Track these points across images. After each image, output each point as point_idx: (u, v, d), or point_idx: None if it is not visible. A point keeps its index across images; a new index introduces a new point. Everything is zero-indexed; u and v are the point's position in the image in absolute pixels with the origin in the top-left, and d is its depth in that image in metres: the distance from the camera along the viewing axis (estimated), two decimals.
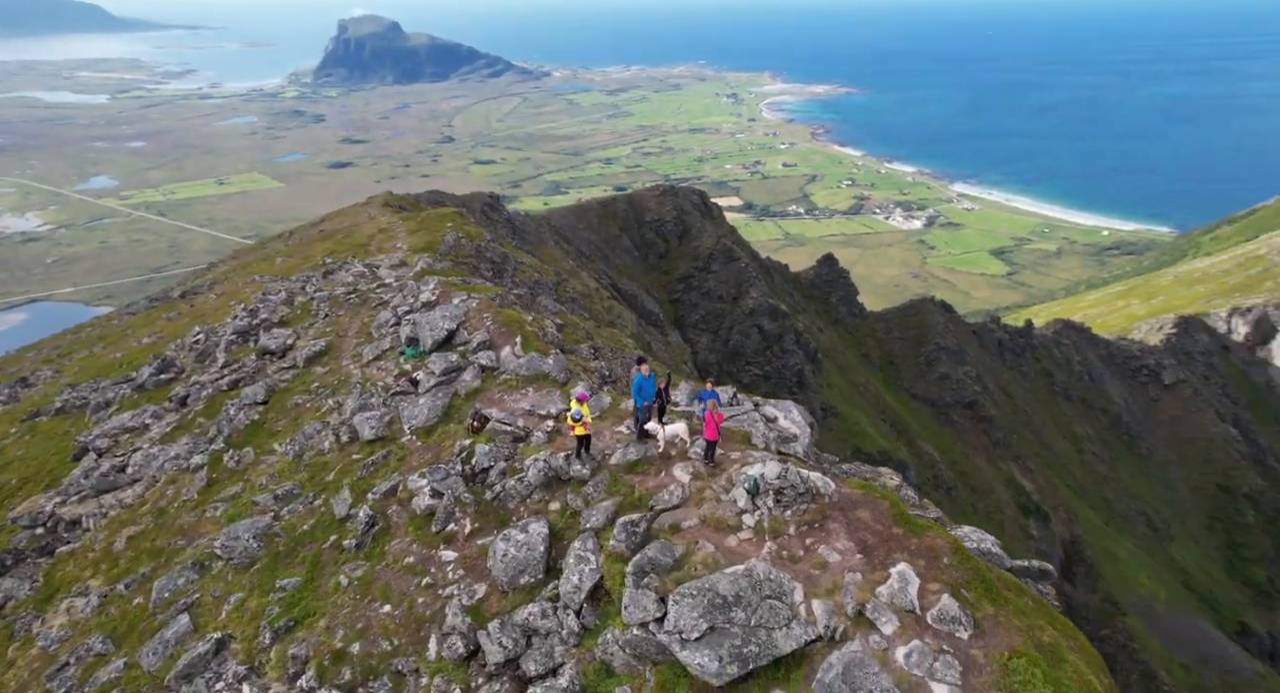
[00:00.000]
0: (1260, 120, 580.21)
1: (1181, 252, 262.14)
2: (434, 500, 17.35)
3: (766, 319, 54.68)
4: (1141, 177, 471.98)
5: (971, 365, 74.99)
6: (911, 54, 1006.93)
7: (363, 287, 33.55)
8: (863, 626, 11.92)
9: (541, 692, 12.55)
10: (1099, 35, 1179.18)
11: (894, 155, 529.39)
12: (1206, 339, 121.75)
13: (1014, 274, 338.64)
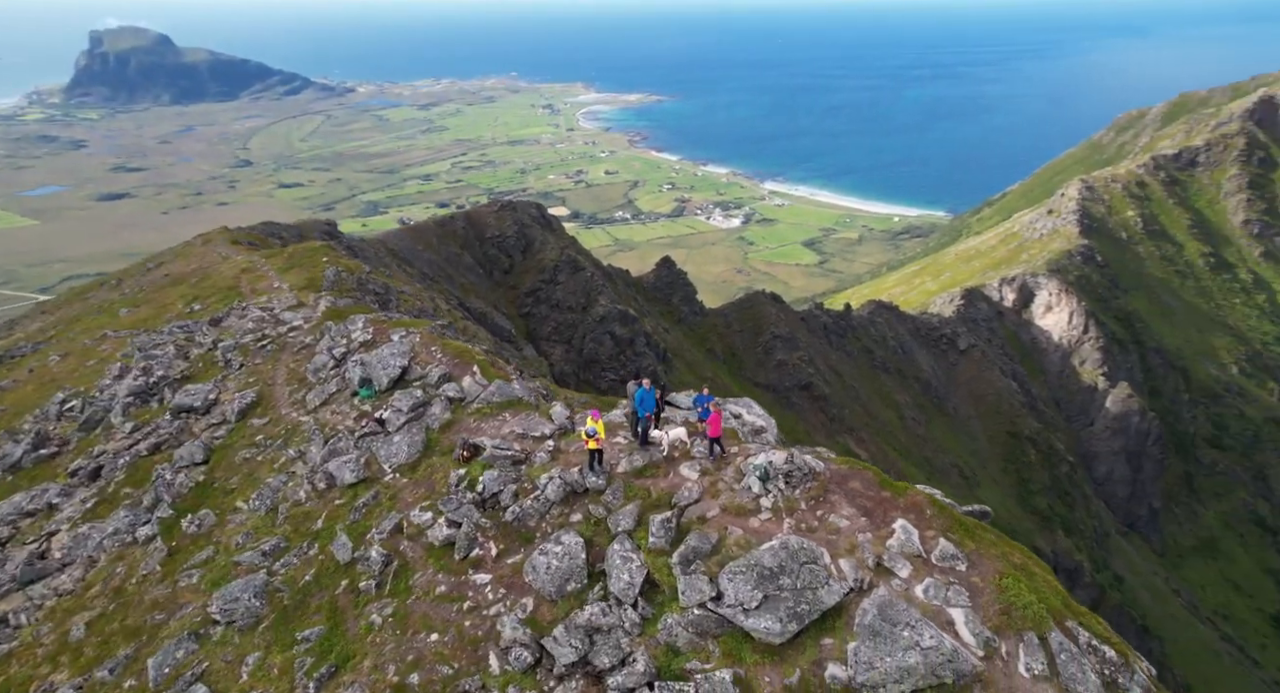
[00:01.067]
0: (1000, 118, 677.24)
1: (957, 232, 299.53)
2: (452, 530, 17.92)
3: (617, 325, 56.11)
4: (917, 167, 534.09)
5: (804, 350, 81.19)
6: (713, 62, 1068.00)
7: (270, 332, 31.94)
8: (883, 574, 14.35)
9: (621, 678, 13.55)
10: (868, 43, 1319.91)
11: (708, 158, 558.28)
12: (986, 307, 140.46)
13: (825, 262, 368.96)
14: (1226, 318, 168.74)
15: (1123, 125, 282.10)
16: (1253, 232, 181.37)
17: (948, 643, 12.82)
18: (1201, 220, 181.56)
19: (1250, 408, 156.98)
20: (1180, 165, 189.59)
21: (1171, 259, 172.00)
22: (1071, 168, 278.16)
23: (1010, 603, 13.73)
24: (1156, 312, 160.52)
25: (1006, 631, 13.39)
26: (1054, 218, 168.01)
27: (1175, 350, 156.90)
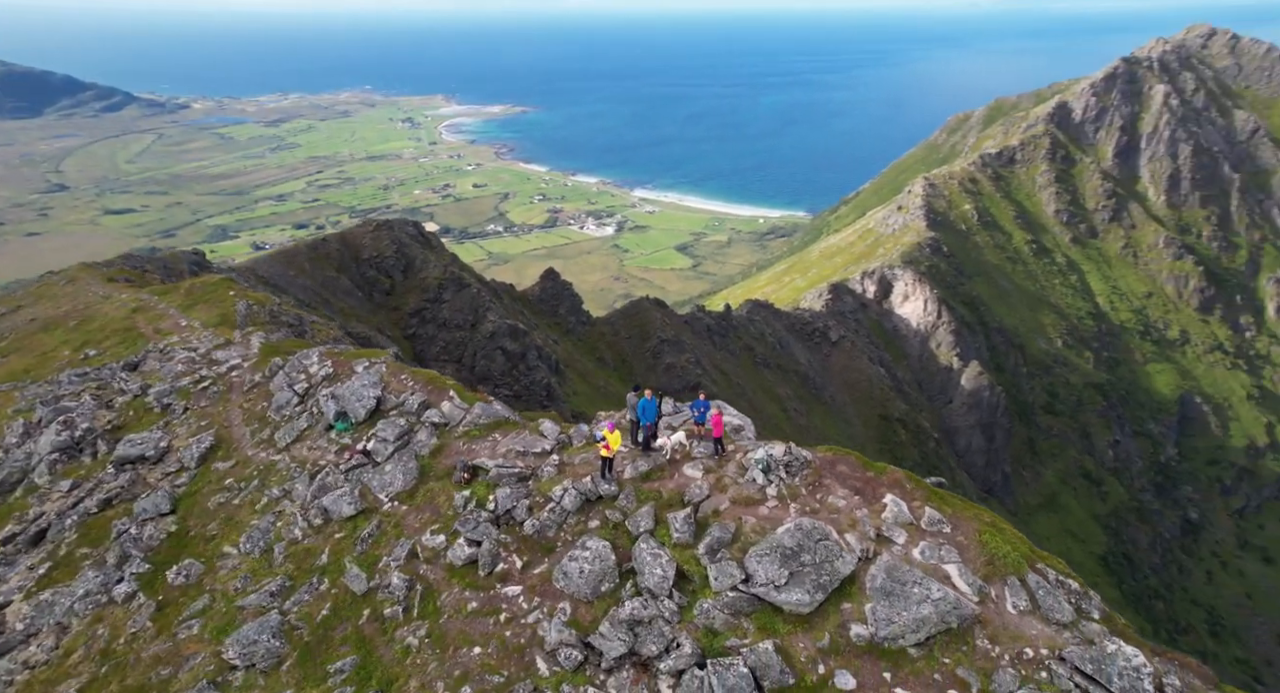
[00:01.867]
0: (848, 121, 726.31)
1: (819, 231, 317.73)
2: (473, 549, 18.53)
3: (508, 340, 55.13)
4: (776, 170, 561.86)
5: (690, 352, 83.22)
6: (575, 73, 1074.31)
7: (208, 372, 30.67)
8: (884, 543, 16.45)
9: (670, 663, 14.77)
10: (723, 52, 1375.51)
11: (577, 168, 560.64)
12: (851, 300, 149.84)
13: (698, 265, 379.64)
14: (1050, 297, 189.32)
15: (952, 127, 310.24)
16: (1063, 220, 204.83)
17: (951, 594, 14.95)
18: (1023, 211, 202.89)
19: (1073, 376, 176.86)
20: (1002, 163, 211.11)
21: (1003, 247, 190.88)
22: (914, 167, 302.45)
23: (993, 554, 16.24)
24: (995, 295, 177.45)
25: (993, 578, 15.80)
26: (904, 214, 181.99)
27: (1013, 329, 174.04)
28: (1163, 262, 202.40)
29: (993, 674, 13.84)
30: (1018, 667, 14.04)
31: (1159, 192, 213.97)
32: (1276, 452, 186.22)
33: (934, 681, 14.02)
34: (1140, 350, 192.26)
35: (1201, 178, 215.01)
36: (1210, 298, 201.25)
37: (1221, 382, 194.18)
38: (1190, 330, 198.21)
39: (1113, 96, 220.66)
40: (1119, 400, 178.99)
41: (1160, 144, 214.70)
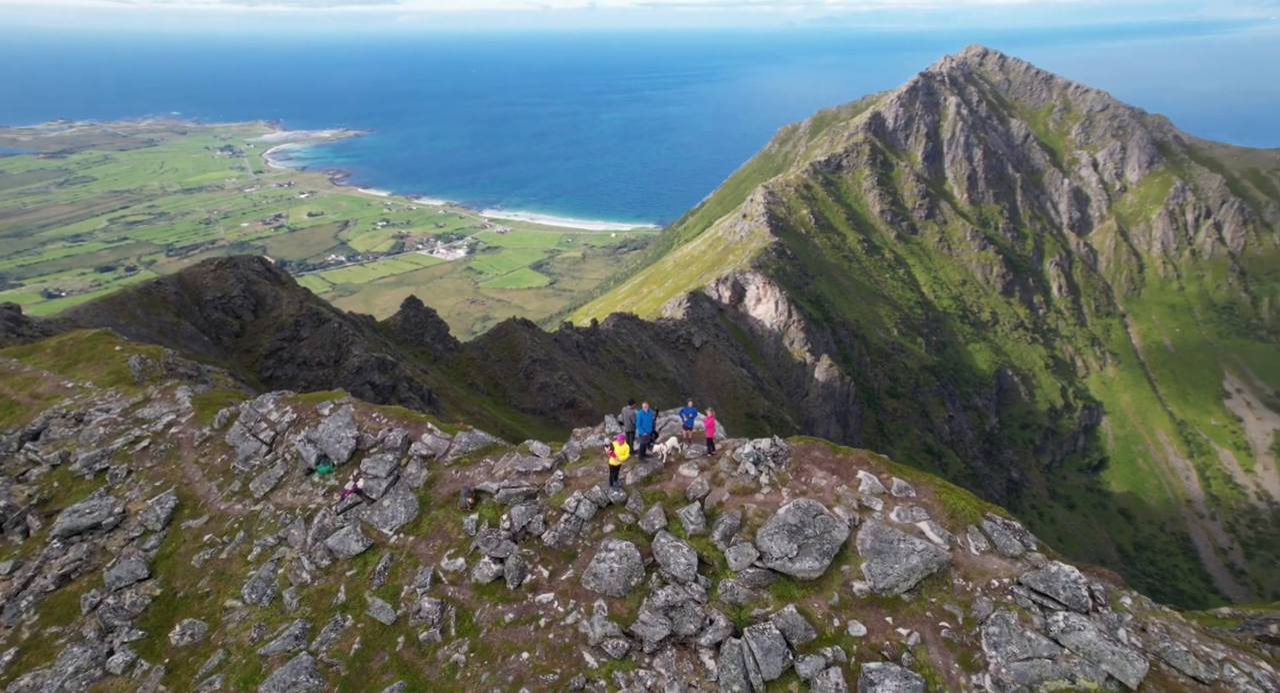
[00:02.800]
0: (686, 135, 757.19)
1: (670, 241, 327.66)
2: (498, 565, 19.46)
3: (376, 373, 51.81)
4: (623, 184, 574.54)
5: (563, 369, 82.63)
6: (408, 94, 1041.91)
7: (141, 432, 29.19)
8: (865, 511, 18.99)
9: (709, 637, 16.54)
10: (559, 71, 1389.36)
11: (420, 192, 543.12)
12: (708, 306, 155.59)
13: (555, 283, 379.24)
14: (883, 290, 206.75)
15: (783, 138, 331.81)
16: (887, 220, 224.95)
17: (928, 545, 17.61)
18: (854, 213, 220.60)
19: (910, 361, 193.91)
20: (831, 169, 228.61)
21: (839, 247, 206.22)
22: (751, 176, 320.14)
23: (953, 509, 19.15)
24: (837, 292, 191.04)
25: (957, 528, 18.67)
26: (749, 221, 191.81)
27: (854, 322, 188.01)
28: (971, 252, 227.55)
29: (971, 604, 16.74)
30: (989, 595, 16.92)
31: (962, 190, 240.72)
32: (1070, 412, 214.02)
33: (927, 617, 16.71)
34: (961, 333, 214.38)
35: (992, 177, 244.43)
36: (1010, 282, 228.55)
37: (1025, 355, 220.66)
38: (998, 312, 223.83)
39: (916, 107, 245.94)
40: (949, 380, 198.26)
41: (958, 148, 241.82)
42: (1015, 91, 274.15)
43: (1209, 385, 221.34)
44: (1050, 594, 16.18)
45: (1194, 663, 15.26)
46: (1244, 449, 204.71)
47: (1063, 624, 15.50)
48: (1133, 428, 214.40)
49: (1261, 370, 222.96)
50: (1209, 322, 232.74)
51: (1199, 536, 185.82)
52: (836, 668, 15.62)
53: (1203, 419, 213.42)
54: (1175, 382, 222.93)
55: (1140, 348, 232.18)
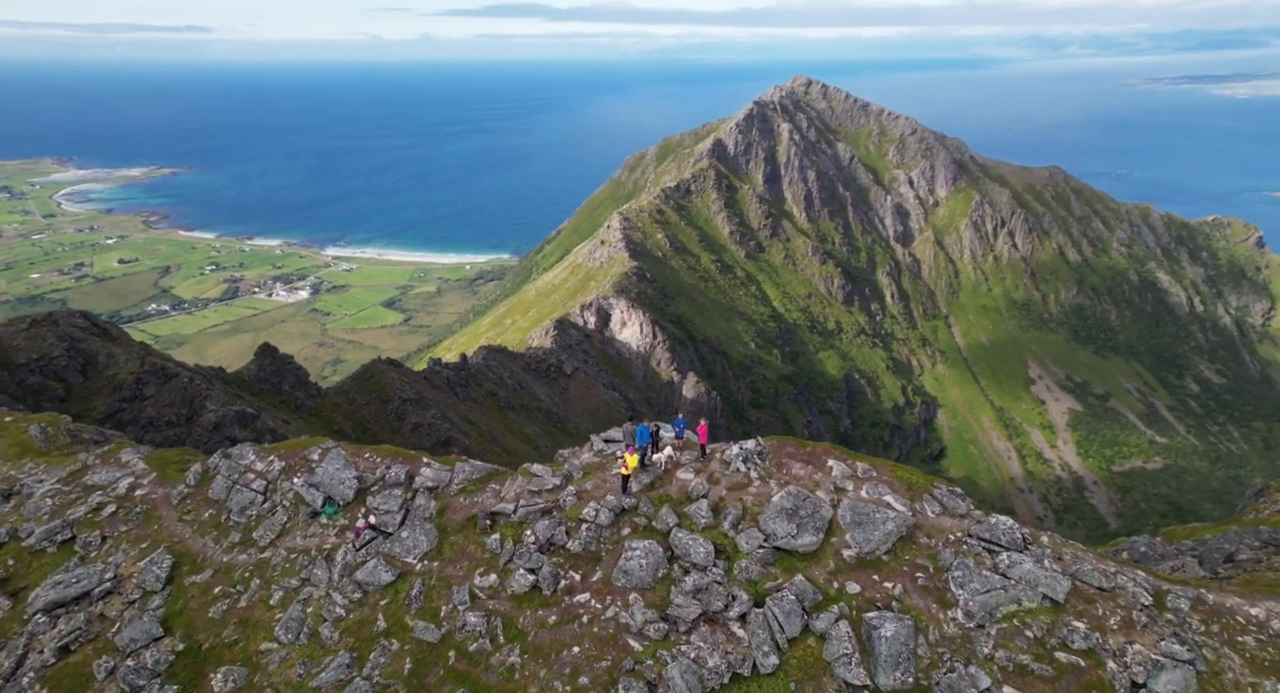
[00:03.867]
0: (536, 164, 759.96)
1: (529, 271, 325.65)
2: (532, 576, 21.22)
3: (236, 428, 46.52)
4: (474, 216, 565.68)
5: (435, 407, 79.34)
6: (230, 129, 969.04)
7: (102, 498, 28.14)
8: (840, 492, 22.45)
9: (735, 611, 19.33)
10: (396, 102, 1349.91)
11: (253, 232, 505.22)
12: (576, 333, 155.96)
13: (410, 319, 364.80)
14: (739, 307, 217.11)
15: (631, 165, 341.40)
16: (736, 240, 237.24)
17: (897, 513, 21.50)
18: (705, 235, 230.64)
19: (769, 372, 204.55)
20: (681, 194, 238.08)
21: (695, 268, 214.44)
22: (604, 203, 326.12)
23: (909, 483, 23.13)
24: (696, 311, 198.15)
25: (914, 497, 22.63)
26: (607, 247, 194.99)
27: (715, 339, 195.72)
28: (813, 267, 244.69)
29: (937, 556, 20.74)
30: (949, 547, 20.99)
31: (800, 210, 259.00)
32: (911, 408, 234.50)
33: (904, 571, 20.40)
34: (811, 342, 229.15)
35: (826, 196, 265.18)
36: (850, 293, 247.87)
37: (869, 359, 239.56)
38: (842, 320, 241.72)
39: (753, 134, 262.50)
40: (805, 387, 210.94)
41: (794, 171, 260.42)
42: (838, 118, 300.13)
43: (1017, 375, 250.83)
44: (994, 540, 21.01)
45: (1098, 577, 20.49)
46: (1049, 428, 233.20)
47: (1007, 561, 20.35)
48: (963, 418, 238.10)
49: (1055, 358, 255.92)
50: (1013, 318, 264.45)
51: (1021, 508, 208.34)
52: (844, 620, 19.08)
53: (1016, 405, 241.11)
54: (992, 374, 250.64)
55: (963, 346, 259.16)
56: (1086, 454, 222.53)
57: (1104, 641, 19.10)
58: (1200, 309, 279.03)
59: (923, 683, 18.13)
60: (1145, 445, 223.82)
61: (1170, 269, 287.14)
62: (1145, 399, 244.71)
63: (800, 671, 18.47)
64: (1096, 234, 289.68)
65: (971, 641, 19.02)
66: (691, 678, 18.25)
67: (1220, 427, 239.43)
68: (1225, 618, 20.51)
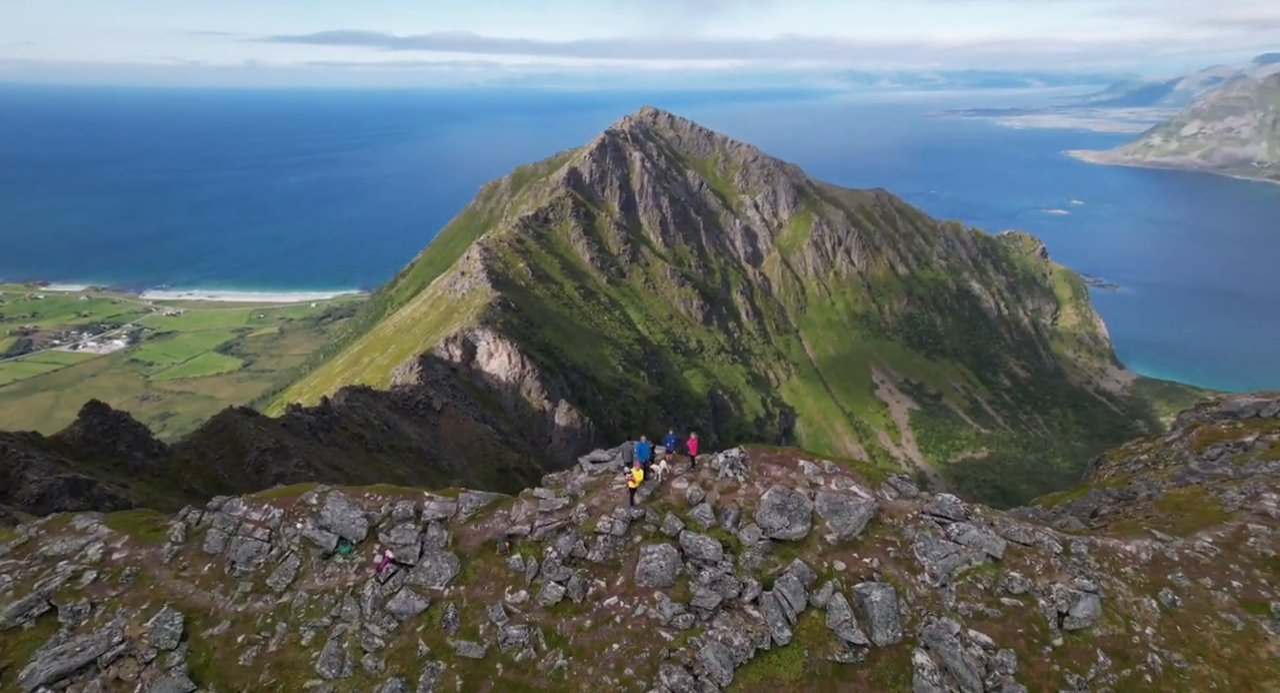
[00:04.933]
0: (383, 196, 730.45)
1: (382, 307, 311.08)
2: (562, 587, 23.07)
3: (68, 497, 40.06)
4: (318, 251, 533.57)
5: (298, 456, 73.54)
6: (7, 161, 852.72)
7: (73, 567, 26.65)
8: (815, 487, 26.22)
9: (750, 595, 22.35)
10: (223, 133, 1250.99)
11: (49, 277, 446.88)
12: (441, 367, 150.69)
13: (250, 364, 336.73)
14: (605, 332, 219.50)
15: (486, 195, 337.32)
16: (597, 266, 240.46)
17: (866, 500, 25.36)
18: (567, 263, 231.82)
19: (637, 394, 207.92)
20: (540, 223, 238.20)
21: (559, 295, 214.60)
22: (460, 234, 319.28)
23: (869, 475, 27.37)
24: (563, 338, 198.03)
25: (875, 486, 26.72)
26: (468, 279, 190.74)
27: (584, 365, 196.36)
28: (673, 289, 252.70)
29: (901, 532, 24.72)
30: (909, 524, 25.00)
31: (657, 235, 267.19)
32: (771, 419, 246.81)
33: (877, 548, 24.25)
34: (676, 362, 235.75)
35: (680, 221, 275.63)
36: (708, 312, 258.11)
37: (730, 375, 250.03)
38: (702, 340, 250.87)
39: (607, 162, 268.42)
40: (673, 406, 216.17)
41: (648, 198, 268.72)
42: (686, 146, 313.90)
43: (863, 381, 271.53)
44: (944, 514, 25.51)
45: (1023, 535, 25.43)
46: (893, 428, 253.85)
47: (957, 530, 24.78)
48: (819, 425, 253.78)
49: (893, 363, 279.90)
50: (855, 329, 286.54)
51: None
52: (839, 593, 22.57)
53: (863, 409, 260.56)
54: (841, 381, 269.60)
55: (813, 357, 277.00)
56: (926, 450, 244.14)
57: (1034, 584, 23.92)
58: (1005, 313, 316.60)
59: (908, 635, 22.03)
60: (973, 437, 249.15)
61: (980, 278, 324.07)
62: (970, 396, 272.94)
63: (810, 638, 21.79)
64: (919, 249, 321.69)
65: (939, 597, 23.27)
66: (723, 656, 21.05)
67: (1029, 415, 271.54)
68: (1110, 556, 26.11)
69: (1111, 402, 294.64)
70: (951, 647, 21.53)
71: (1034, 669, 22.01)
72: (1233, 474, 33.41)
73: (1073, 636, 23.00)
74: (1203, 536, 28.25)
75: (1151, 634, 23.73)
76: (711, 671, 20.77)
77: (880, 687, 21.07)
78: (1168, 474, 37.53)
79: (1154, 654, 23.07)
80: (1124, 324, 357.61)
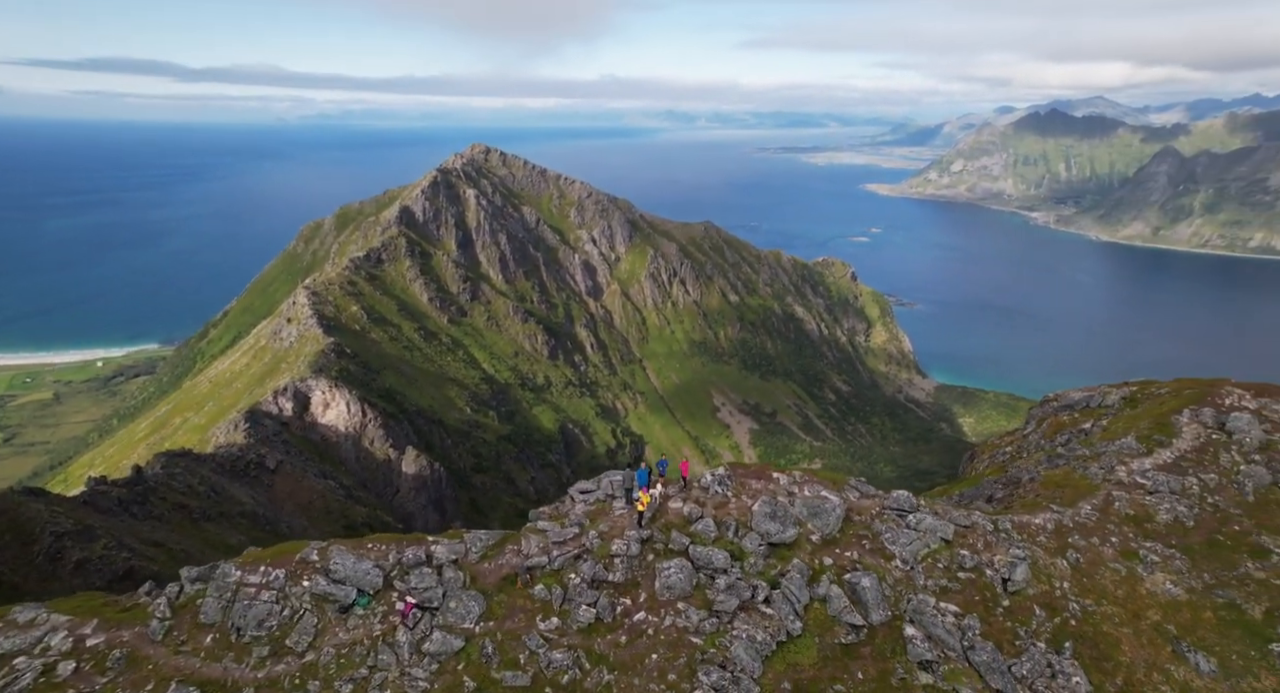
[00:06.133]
0: (181, 240, 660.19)
1: (191, 361, 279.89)
2: (593, 609, 24.92)
3: None
4: (102, 303, 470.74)
5: (105, 536, 64.04)
6: None
7: (45, 659, 24.66)
8: (792, 495, 29.48)
9: (762, 594, 25.25)
10: None
11: None
12: (271, 423, 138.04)
13: (13, 438, 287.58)
14: (449, 373, 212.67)
15: (307, 236, 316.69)
16: (437, 306, 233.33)
17: (837, 502, 29.14)
18: (404, 304, 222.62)
19: (487, 435, 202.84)
20: (373, 264, 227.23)
21: (397, 338, 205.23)
22: (280, 279, 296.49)
23: (833, 480, 31.09)
24: (405, 383, 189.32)
25: (840, 489, 30.72)
26: (295, 325, 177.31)
27: (429, 409, 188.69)
28: (517, 326, 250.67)
29: (870, 526, 28.58)
30: (876, 519, 29.00)
31: (497, 272, 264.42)
32: (622, 449, 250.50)
33: (854, 542, 27.95)
34: (524, 399, 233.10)
35: (519, 258, 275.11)
36: (553, 347, 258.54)
37: (579, 408, 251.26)
38: (550, 375, 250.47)
39: (440, 200, 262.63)
40: (524, 444, 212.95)
41: (486, 235, 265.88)
42: (520, 183, 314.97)
43: (705, 405, 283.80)
44: (901, 507, 30.03)
45: (963, 519, 30.08)
46: (736, 448, 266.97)
47: (914, 520, 29.16)
48: (668, 451, 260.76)
49: (732, 386, 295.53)
50: (694, 356, 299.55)
51: None
52: (834, 584, 25.77)
53: (708, 432, 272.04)
54: (685, 407, 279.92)
55: (657, 384, 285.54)
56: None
57: (980, 558, 28.51)
58: (826, 333, 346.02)
59: (896, 613, 25.73)
60: (808, 451, 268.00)
61: (802, 302, 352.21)
62: (801, 411, 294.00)
63: (818, 626, 24.75)
64: (747, 277, 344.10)
65: (912, 578, 27.25)
66: (752, 651, 23.30)
67: (853, 426, 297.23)
68: (1026, 529, 31.75)
69: (919, 408, 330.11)
70: (932, 618, 25.57)
71: (993, 628, 26.56)
72: (1090, 454, 40.76)
73: (1015, 597, 27.86)
74: (1083, 505, 34.76)
75: (1068, 587, 29.07)
76: (744, 666, 22.96)
77: (882, 659, 24.43)
78: (1033, 460, 44.28)
79: (1073, 603, 28.39)
80: (923, 338, 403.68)
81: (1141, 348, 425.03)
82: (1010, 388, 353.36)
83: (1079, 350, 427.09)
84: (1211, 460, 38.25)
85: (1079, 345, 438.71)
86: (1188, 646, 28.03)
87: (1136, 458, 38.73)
